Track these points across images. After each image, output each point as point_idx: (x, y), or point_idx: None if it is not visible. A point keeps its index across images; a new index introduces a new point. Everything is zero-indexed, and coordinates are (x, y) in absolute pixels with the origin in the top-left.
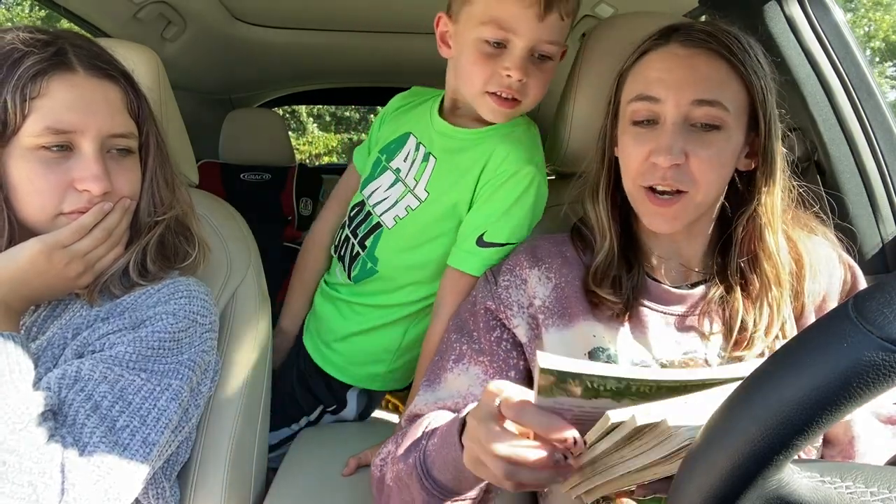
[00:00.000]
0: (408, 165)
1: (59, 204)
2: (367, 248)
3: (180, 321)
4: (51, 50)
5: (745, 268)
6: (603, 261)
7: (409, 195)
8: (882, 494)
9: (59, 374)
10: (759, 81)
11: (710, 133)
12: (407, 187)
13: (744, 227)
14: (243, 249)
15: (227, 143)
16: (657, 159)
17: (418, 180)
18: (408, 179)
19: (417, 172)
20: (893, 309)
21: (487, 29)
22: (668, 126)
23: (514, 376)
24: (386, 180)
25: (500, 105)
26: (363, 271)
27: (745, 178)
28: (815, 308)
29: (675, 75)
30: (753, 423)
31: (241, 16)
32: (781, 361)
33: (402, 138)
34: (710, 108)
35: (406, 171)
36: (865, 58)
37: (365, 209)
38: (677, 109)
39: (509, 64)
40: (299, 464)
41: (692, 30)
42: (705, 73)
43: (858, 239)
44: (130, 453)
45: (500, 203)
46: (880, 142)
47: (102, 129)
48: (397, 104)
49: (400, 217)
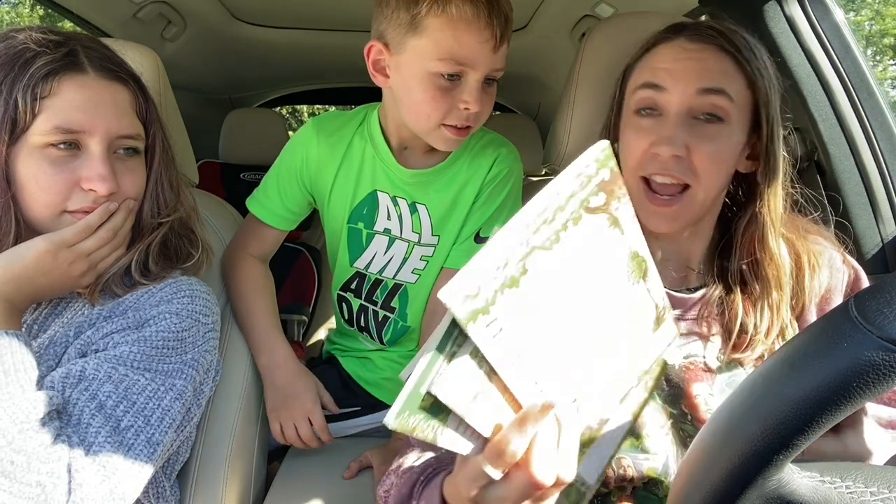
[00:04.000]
0: (396, 222)
1: (64, 202)
2: (398, 310)
3: (183, 321)
4: (62, 51)
5: (746, 271)
6: None
7: (416, 248)
8: (882, 494)
9: (64, 374)
10: (764, 82)
11: (713, 126)
12: (410, 242)
13: (745, 229)
14: None
15: (227, 143)
16: (659, 149)
17: (419, 231)
18: (405, 234)
19: (413, 225)
20: (893, 309)
21: (443, 64)
22: (672, 117)
23: None
24: (379, 246)
25: (456, 135)
26: (396, 332)
27: (746, 180)
28: (818, 304)
29: (682, 65)
30: (754, 423)
31: (240, 15)
32: (781, 361)
33: (371, 198)
34: (716, 96)
35: (398, 228)
36: (865, 58)
37: (369, 278)
38: (682, 99)
39: (467, 97)
40: (299, 464)
41: (701, 27)
42: (712, 65)
43: (859, 239)
44: (135, 453)
45: (496, 201)
46: (880, 142)
47: (110, 129)
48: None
49: (419, 269)
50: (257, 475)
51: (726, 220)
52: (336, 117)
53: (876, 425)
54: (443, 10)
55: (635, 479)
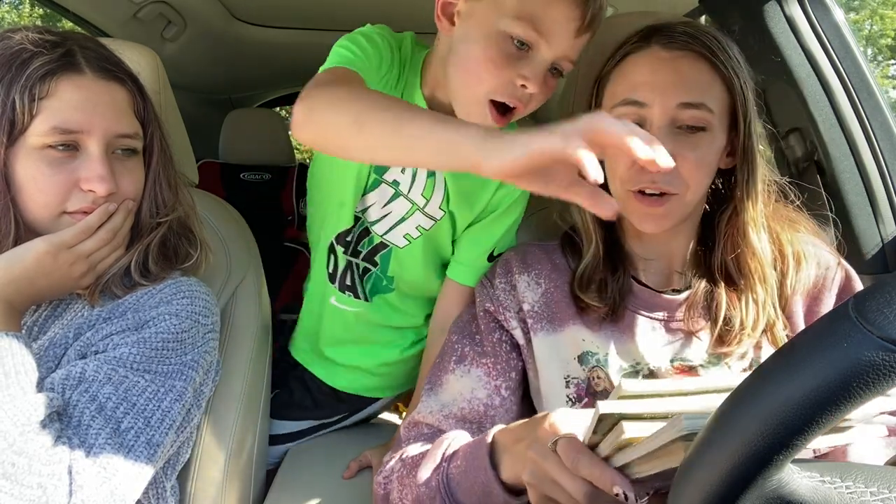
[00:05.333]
0: (408, 178)
1: (63, 203)
2: (380, 265)
3: (183, 321)
4: (59, 51)
5: (730, 265)
6: (589, 264)
7: (418, 213)
8: (882, 494)
9: (63, 375)
10: (740, 81)
11: (696, 135)
12: (414, 204)
13: (726, 224)
14: (243, 249)
15: (227, 143)
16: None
17: (429, 198)
18: (413, 195)
19: (425, 189)
20: (893, 309)
21: (520, 26)
22: (655, 130)
23: (515, 377)
24: (381, 196)
25: (496, 119)
26: (377, 286)
27: (725, 175)
28: (805, 299)
29: (660, 78)
30: (753, 423)
31: (240, 15)
32: (781, 361)
33: None
34: (696, 110)
35: (408, 185)
36: (865, 58)
37: (357, 227)
38: (664, 113)
39: (529, 73)
40: (299, 464)
41: (673, 32)
42: (689, 75)
43: (859, 239)
44: (135, 455)
45: (513, 217)
46: (880, 142)
47: (109, 129)
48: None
49: (412, 236)
50: (257, 475)
51: (709, 216)
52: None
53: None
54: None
55: None
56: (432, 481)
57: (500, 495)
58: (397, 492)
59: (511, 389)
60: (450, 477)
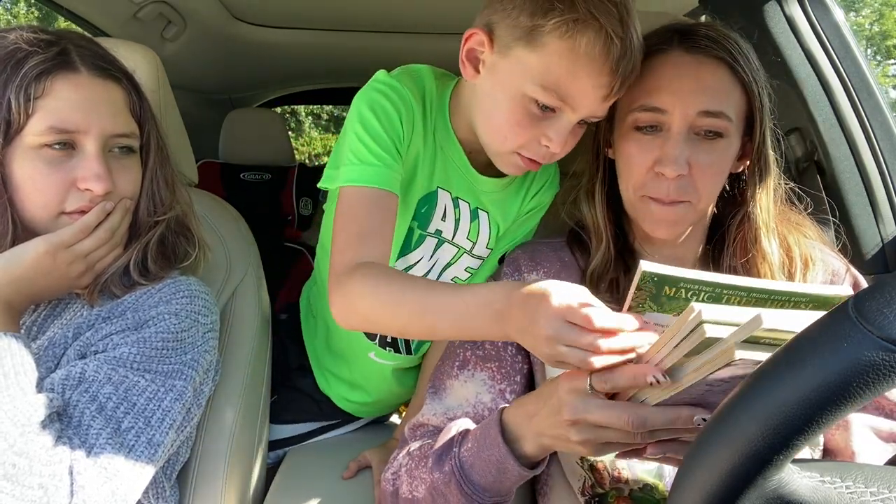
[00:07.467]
0: (451, 225)
1: (61, 203)
2: None
3: (182, 321)
4: (54, 50)
5: (739, 270)
6: (600, 263)
7: (465, 256)
8: (882, 494)
9: (63, 376)
10: (758, 87)
11: (713, 141)
12: (460, 248)
13: (737, 228)
14: (243, 249)
15: (227, 143)
16: (663, 169)
17: (475, 240)
18: (458, 240)
19: (470, 232)
20: (893, 309)
21: (543, 93)
22: (674, 135)
23: (520, 381)
24: (427, 249)
25: (528, 165)
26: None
27: (736, 179)
28: None
29: (681, 84)
30: (754, 423)
31: (241, 15)
32: (781, 361)
33: (430, 197)
34: (716, 119)
35: (451, 231)
36: (865, 58)
37: None
38: (683, 120)
39: (553, 136)
40: (299, 464)
41: (696, 35)
42: (711, 83)
43: (859, 239)
44: (136, 454)
45: (532, 224)
46: (880, 142)
47: (105, 128)
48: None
49: (460, 279)
50: (257, 475)
51: (719, 219)
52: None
53: (875, 437)
54: (570, 36)
55: (630, 482)
56: (445, 466)
57: (516, 469)
58: (407, 485)
59: (516, 393)
60: (463, 460)
